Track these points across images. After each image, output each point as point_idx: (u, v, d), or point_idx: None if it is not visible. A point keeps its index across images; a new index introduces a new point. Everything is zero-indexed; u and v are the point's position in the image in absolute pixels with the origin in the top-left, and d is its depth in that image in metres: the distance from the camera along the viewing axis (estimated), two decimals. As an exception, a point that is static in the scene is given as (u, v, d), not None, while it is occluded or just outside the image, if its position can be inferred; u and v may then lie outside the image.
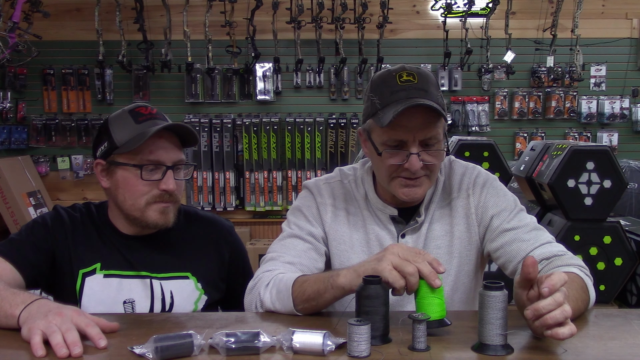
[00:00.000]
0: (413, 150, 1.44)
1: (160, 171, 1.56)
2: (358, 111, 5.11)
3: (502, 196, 1.58)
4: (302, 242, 1.56)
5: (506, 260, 1.51)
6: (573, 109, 5.13)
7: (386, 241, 1.56)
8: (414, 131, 1.43)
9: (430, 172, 1.49)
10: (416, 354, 1.14)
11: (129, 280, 1.60)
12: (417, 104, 1.40)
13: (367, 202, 1.60)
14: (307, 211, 1.61)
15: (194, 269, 1.66)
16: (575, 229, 3.00)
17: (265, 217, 5.16)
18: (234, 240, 1.76)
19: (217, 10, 4.74)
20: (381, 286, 1.18)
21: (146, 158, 1.55)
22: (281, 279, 1.42)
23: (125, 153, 1.55)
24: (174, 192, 1.58)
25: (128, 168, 1.56)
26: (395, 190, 1.50)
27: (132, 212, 1.58)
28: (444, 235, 1.57)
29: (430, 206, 1.59)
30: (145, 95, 5.11)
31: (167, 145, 1.58)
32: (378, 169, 1.54)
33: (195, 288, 1.64)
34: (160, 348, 1.11)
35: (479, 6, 4.88)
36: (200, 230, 1.71)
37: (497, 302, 1.12)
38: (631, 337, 1.25)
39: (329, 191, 1.63)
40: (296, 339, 1.13)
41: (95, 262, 1.60)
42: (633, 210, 4.18)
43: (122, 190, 1.58)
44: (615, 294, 3.05)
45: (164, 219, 1.58)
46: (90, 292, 1.58)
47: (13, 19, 4.03)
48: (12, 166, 4.65)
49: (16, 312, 1.26)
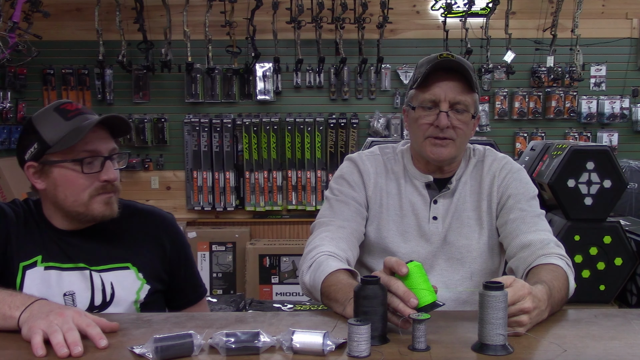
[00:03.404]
0: (443, 108, 1.61)
1: (99, 162, 1.56)
2: (358, 111, 5.12)
3: (524, 183, 1.73)
4: (347, 207, 1.70)
5: (504, 236, 1.67)
6: (573, 109, 5.13)
7: (418, 205, 1.71)
8: (446, 91, 1.61)
9: (457, 136, 1.64)
10: (416, 354, 1.14)
11: (68, 273, 1.59)
12: (449, 63, 1.60)
13: (405, 172, 1.76)
14: (350, 178, 1.75)
15: (134, 259, 1.65)
16: (575, 229, 3.00)
17: (265, 217, 5.16)
18: (174, 231, 1.75)
19: (217, 10, 4.74)
20: (379, 286, 1.18)
21: (82, 150, 1.54)
22: (319, 265, 1.49)
23: (60, 151, 1.54)
24: (115, 181, 1.58)
25: (65, 165, 1.54)
26: (425, 150, 1.66)
27: (75, 209, 1.57)
28: (474, 210, 1.72)
29: (461, 179, 1.74)
30: (145, 95, 5.12)
31: (101, 135, 1.58)
32: (413, 133, 1.70)
33: (137, 278, 1.63)
34: (160, 348, 1.11)
35: (479, 6, 4.88)
36: (139, 222, 1.70)
37: (497, 302, 1.12)
38: (631, 337, 1.25)
39: (371, 161, 1.78)
40: (296, 339, 1.13)
41: (36, 254, 1.59)
42: (633, 210, 4.18)
43: (61, 189, 1.56)
44: (615, 294, 3.06)
45: (109, 210, 1.58)
46: (30, 284, 1.55)
47: (13, 19, 4.03)
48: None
49: (16, 313, 1.26)
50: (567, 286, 1.46)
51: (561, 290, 1.41)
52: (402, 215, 1.71)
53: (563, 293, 1.42)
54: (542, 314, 1.30)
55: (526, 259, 1.55)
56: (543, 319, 1.31)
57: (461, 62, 1.63)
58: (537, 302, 1.26)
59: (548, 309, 1.32)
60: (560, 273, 1.47)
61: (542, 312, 1.29)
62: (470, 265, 1.68)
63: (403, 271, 1.20)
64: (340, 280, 1.42)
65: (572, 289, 1.49)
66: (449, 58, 1.62)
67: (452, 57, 1.63)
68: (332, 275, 1.44)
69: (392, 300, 1.20)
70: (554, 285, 1.38)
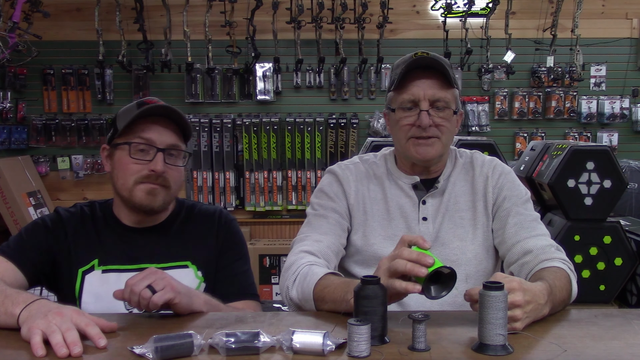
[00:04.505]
0: (423, 107, 1.58)
1: (152, 152, 1.59)
2: (358, 111, 5.12)
3: (517, 186, 1.71)
4: (326, 220, 1.66)
5: (501, 240, 1.64)
6: (573, 109, 5.13)
7: (407, 207, 1.67)
8: (424, 89, 1.58)
9: (441, 134, 1.61)
10: (416, 354, 1.14)
11: (127, 275, 1.59)
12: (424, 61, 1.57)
13: (388, 175, 1.73)
14: (329, 189, 1.71)
15: (193, 257, 1.67)
16: (575, 229, 3.00)
17: (265, 217, 5.16)
18: (229, 229, 1.76)
19: (217, 10, 4.74)
20: (379, 286, 1.18)
21: (137, 136, 1.59)
22: (305, 276, 1.46)
23: (122, 135, 1.61)
24: (164, 174, 1.60)
25: (122, 147, 1.61)
26: (409, 151, 1.63)
27: (122, 192, 1.62)
28: (468, 209, 1.68)
29: (450, 179, 1.71)
30: (145, 96, 5.11)
31: (162, 129, 1.62)
32: (396, 135, 1.67)
33: (195, 276, 1.66)
34: (160, 348, 1.11)
35: (479, 6, 4.88)
36: (200, 221, 1.73)
37: (497, 302, 1.12)
38: (631, 337, 1.25)
39: (350, 169, 1.74)
40: (296, 339, 1.13)
41: (93, 258, 1.62)
42: (633, 210, 4.18)
43: (116, 171, 1.63)
44: (615, 294, 3.06)
45: (149, 200, 1.60)
46: (89, 289, 1.59)
47: (13, 19, 4.03)
48: (12, 166, 4.65)
49: (16, 310, 1.27)
50: (569, 288, 1.45)
51: (563, 291, 1.41)
52: (389, 219, 1.67)
53: (565, 294, 1.42)
54: (541, 309, 1.28)
55: (528, 263, 1.54)
56: (544, 314, 1.30)
57: (437, 58, 1.60)
58: (530, 295, 1.25)
59: (549, 305, 1.31)
60: (563, 274, 1.46)
61: (540, 307, 1.28)
62: (466, 268, 1.64)
63: (426, 245, 1.23)
64: (333, 281, 1.41)
65: (575, 293, 1.48)
66: (424, 56, 1.60)
67: (427, 54, 1.61)
68: (322, 279, 1.43)
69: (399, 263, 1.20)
70: (555, 284, 1.38)
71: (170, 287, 1.36)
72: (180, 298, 1.38)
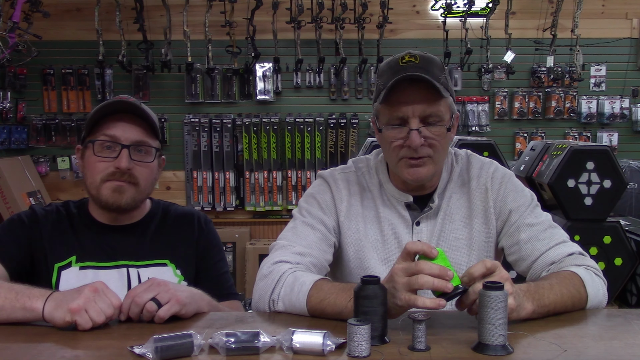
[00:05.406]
0: (413, 126, 1.45)
1: (117, 149, 1.58)
2: (358, 111, 5.12)
3: (520, 191, 1.60)
4: (313, 231, 1.54)
5: (519, 257, 1.54)
6: (573, 109, 5.13)
7: (400, 229, 1.57)
8: (413, 106, 1.44)
9: (433, 153, 1.49)
10: (416, 354, 1.14)
11: (104, 271, 1.61)
12: (411, 76, 1.42)
13: (381, 191, 1.61)
14: (322, 199, 1.60)
15: (171, 255, 1.67)
16: (575, 229, 3.00)
17: (265, 217, 5.16)
18: (206, 231, 1.76)
19: (217, 10, 4.74)
20: (379, 286, 1.18)
21: (102, 133, 1.59)
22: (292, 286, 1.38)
23: (90, 134, 1.61)
24: (130, 171, 1.59)
25: (89, 146, 1.61)
26: (401, 172, 1.51)
27: (91, 191, 1.62)
28: (463, 227, 1.58)
29: (445, 194, 1.60)
30: (145, 95, 5.11)
31: (127, 125, 1.60)
32: (386, 153, 1.55)
33: (174, 274, 1.65)
34: (160, 348, 1.11)
35: (479, 6, 4.88)
36: (176, 222, 1.73)
37: (497, 302, 1.12)
38: (631, 337, 1.25)
39: (344, 181, 1.63)
40: (296, 339, 1.13)
41: (71, 255, 1.61)
42: (633, 210, 4.18)
43: (85, 170, 1.64)
44: (615, 294, 3.06)
45: (115, 198, 1.59)
46: (66, 285, 1.57)
47: (13, 19, 4.03)
48: (12, 166, 4.65)
49: (38, 304, 1.29)
50: (577, 292, 1.38)
51: (562, 293, 1.35)
52: (383, 241, 1.58)
53: (565, 297, 1.36)
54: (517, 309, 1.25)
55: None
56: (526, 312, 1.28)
57: (425, 66, 1.45)
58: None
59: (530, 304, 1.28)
60: (570, 277, 1.40)
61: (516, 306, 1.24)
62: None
63: (434, 253, 1.19)
64: (328, 290, 1.34)
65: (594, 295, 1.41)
66: (412, 62, 1.45)
67: (415, 60, 1.46)
68: (314, 289, 1.35)
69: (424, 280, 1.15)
70: (548, 285, 1.35)
71: (176, 300, 1.33)
72: (187, 309, 1.36)
